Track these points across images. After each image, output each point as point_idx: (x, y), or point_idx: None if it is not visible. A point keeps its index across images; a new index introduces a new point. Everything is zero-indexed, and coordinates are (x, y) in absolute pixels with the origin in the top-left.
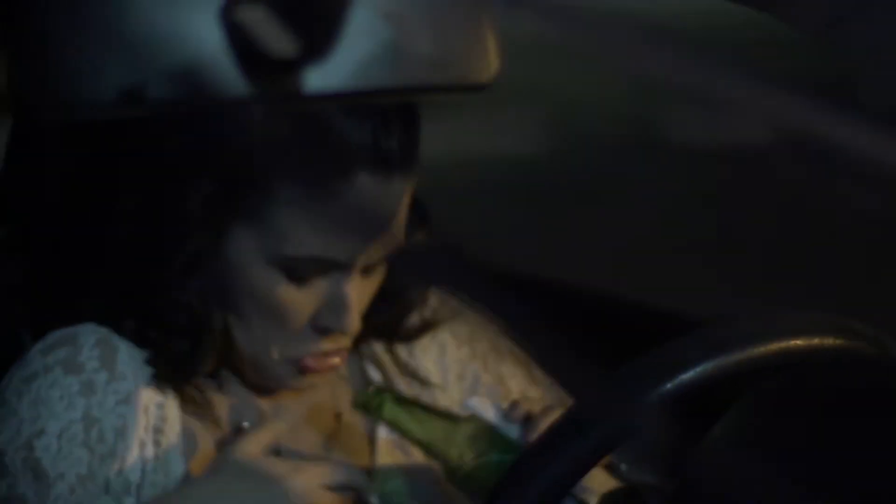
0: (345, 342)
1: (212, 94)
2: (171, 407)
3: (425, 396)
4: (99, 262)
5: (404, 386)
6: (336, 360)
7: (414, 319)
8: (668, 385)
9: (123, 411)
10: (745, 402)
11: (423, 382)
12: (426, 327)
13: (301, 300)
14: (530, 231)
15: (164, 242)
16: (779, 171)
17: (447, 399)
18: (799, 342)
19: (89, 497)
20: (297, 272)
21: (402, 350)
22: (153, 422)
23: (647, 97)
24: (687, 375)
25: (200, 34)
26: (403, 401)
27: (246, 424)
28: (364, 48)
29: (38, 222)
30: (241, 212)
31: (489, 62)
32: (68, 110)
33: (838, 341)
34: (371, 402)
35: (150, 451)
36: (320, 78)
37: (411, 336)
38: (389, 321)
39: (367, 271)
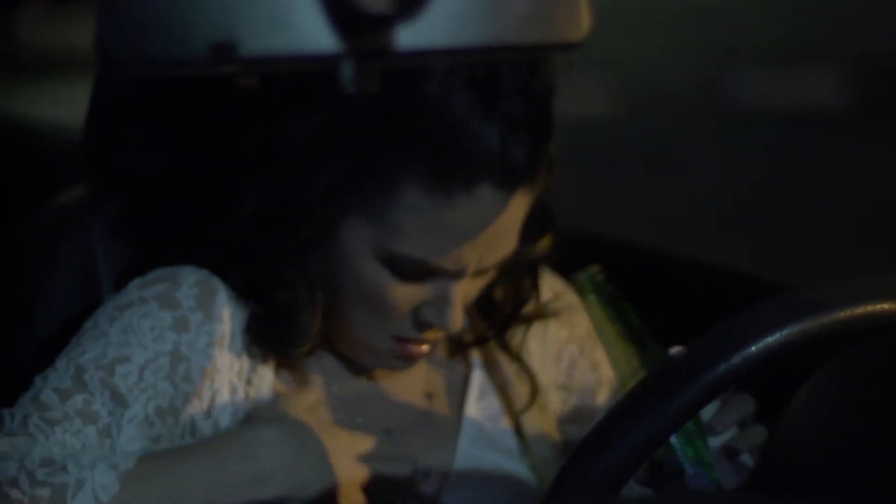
0: (443, 334)
1: (304, 51)
2: (266, 360)
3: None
4: (212, 230)
5: (505, 365)
6: (429, 347)
7: (528, 308)
8: (753, 348)
9: (214, 353)
10: (831, 365)
11: (523, 364)
12: (538, 315)
13: (404, 295)
14: (598, 195)
15: (282, 221)
16: (845, 137)
17: (544, 379)
18: (886, 305)
19: (169, 432)
20: (405, 271)
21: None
22: (246, 372)
23: (714, 63)
24: (773, 339)
25: None
26: (611, 300)
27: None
28: (456, 5)
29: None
30: (361, 204)
31: (581, 20)
32: (158, 66)
33: None
34: (582, 284)
35: (240, 397)
36: (413, 35)
37: (523, 322)
38: (505, 316)
39: (477, 274)
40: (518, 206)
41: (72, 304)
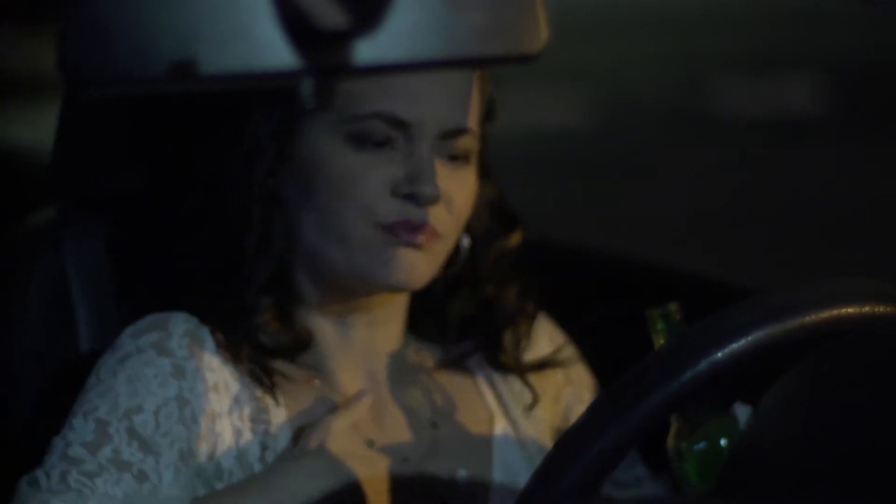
0: (433, 219)
1: (262, 68)
2: (270, 398)
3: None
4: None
5: (512, 398)
6: (422, 237)
7: (531, 354)
8: (719, 354)
9: (212, 398)
10: (797, 369)
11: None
12: (544, 365)
13: (377, 171)
14: (577, 204)
15: (242, 160)
16: (824, 144)
17: (543, 416)
18: (851, 310)
19: (191, 474)
20: (368, 137)
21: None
22: (249, 411)
23: (692, 70)
24: (739, 344)
25: (251, 7)
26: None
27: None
28: (413, 20)
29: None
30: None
31: (538, 33)
32: (120, 85)
33: (891, 308)
34: (655, 321)
35: (246, 438)
36: (371, 50)
37: (528, 370)
38: (494, 335)
39: (451, 157)
40: (461, 70)
41: (45, 323)
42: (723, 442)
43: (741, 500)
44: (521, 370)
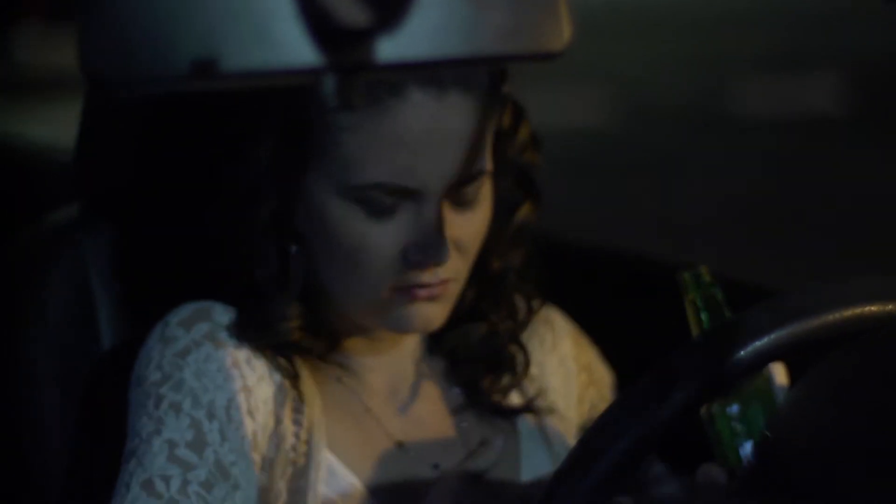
0: (446, 274)
1: (284, 66)
2: (310, 385)
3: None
4: (203, 237)
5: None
6: (438, 289)
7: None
8: (742, 353)
9: (264, 387)
10: (819, 368)
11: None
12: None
13: (385, 236)
14: (594, 204)
15: (249, 203)
16: (843, 143)
17: (571, 417)
18: (874, 308)
19: (246, 467)
20: (374, 204)
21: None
22: (289, 401)
23: (713, 70)
24: (761, 343)
25: (272, 5)
26: (710, 304)
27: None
28: (436, 17)
29: (120, 197)
30: (309, 150)
31: (561, 31)
32: (142, 84)
33: None
34: (686, 283)
35: (286, 428)
36: (392, 48)
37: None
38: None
39: (461, 204)
40: (458, 112)
41: (65, 322)
42: (756, 404)
43: (762, 501)
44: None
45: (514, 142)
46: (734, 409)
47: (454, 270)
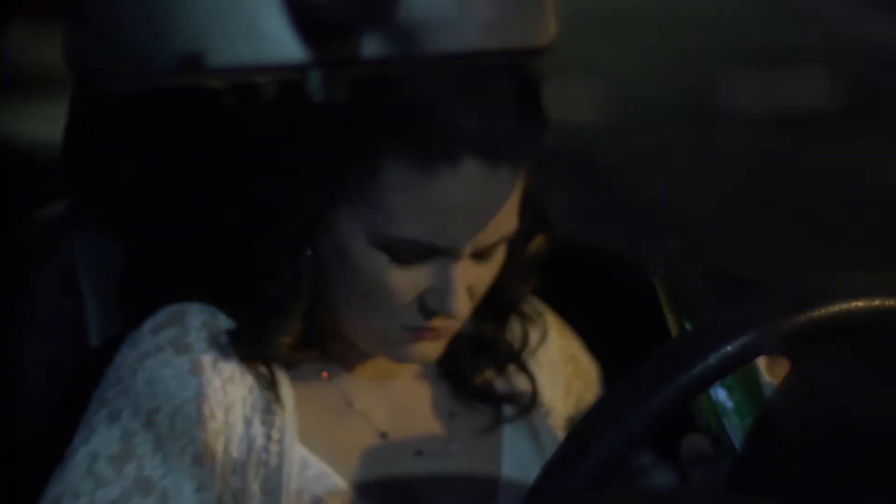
0: (454, 322)
1: (270, 61)
2: (284, 386)
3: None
4: (199, 237)
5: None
6: (442, 332)
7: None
8: (729, 348)
9: (229, 388)
10: (806, 363)
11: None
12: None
13: (405, 282)
14: (587, 199)
15: (271, 219)
16: (837, 138)
17: (561, 410)
18: (861, 303)
19: (205, 473)
20: (401, 255)
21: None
22: (260, 402)
23: (704, 65)
24: (748, 338)
25: (259, 1)
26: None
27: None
28: (422, 13)
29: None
30: (347, 191)
31: (547, 26)
32: (128, 79)
33: None
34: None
35: (256, 429)
36: (379, 43)
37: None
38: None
39: (479, 256)
40: (506, 182)
41: (54, 319)
42: (741, 388)
43: (751, 494)
44: (519, 361)
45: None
46: (720, 394)
47: (464, 313)
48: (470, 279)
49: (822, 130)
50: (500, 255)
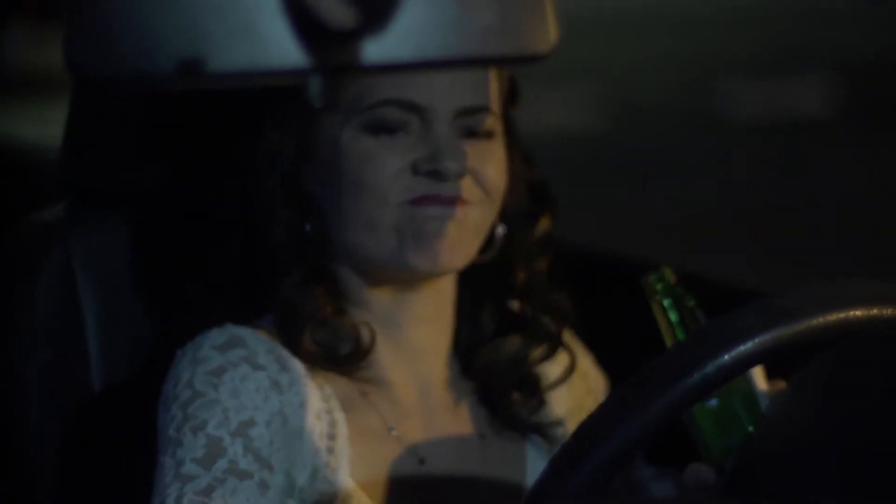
0: (461, 191)
1: (270, 66)
2: (337, 410)
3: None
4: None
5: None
6: (449, 210)
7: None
8: (726, 357)
9: (304, 414)
10: (805, 371)
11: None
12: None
13: (392, 151)
14: (585, 205)
15: (260, 169)
16: (832, 145)
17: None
18: (858, 312)
19: (277, 474)
20: (382, 124)
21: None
22: (326, 429)
23: (703, 71)
24: (745, 347)
25: (258, 5)
26: (678, 305)
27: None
28: (422, 19)
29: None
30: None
31: (549, 32)
32: (128, 83)
33: None
34: (653, 286)
35: (321, 457)
36: (378, 49)
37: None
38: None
39: (470, 134)
40: None
41: (52, 321)
42: (736, 399)
43: (750, 501)
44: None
45: (518, 153)
46: (713, 402)
47: (473, 194)
48: (470, 157)
49: (821, 135)
50: (497, 149)
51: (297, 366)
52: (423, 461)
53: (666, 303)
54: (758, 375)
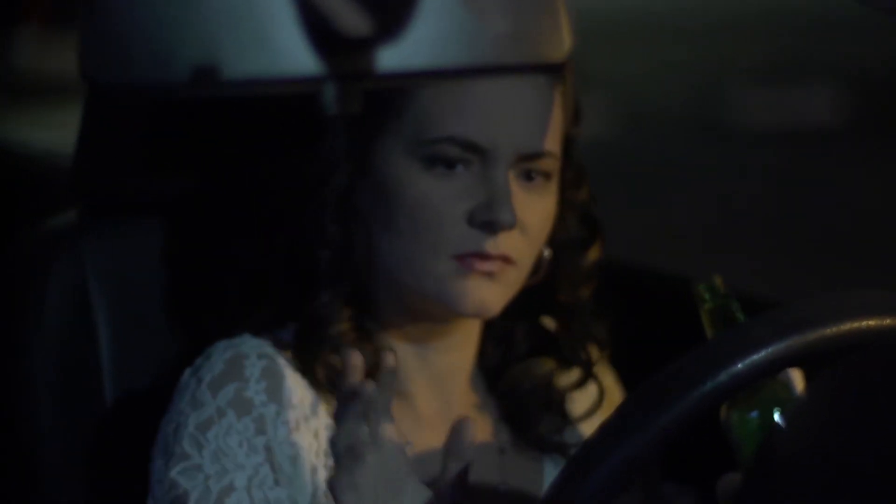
0: (507, 249)
1: (284, 74)
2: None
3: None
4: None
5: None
6: (496, 265)
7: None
8: (740, 366)
9: (294, 440)
10: (819, 381)
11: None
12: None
13: (448, 192)
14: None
15: (316, 179)
16: (840, 154)
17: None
18: (871, 322)
19: None
20: (442, 160)
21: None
22: (324, 446)
23: (711, 79)
24: (759, 356)
25: (272, 13)
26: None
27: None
28: (437, 27)
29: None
30: (385, 114)
31: (562, 41)
32: (142, 91)
33: None
34: (703, 294)
35: (321, 475)
36: (393, 57)
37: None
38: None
39: (528, 180)
40: (537, 88)
41: (63, 326)
42: (775, 410)
43: None
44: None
45: (573, 176)
46: (754, 414)
47: (515, 249)
48: (520, 208)
49: (829, 145)
50: (549, 199)
51: (295, 385)
52: (436, 481)
53: (716, 313)
54: (797, 380)
